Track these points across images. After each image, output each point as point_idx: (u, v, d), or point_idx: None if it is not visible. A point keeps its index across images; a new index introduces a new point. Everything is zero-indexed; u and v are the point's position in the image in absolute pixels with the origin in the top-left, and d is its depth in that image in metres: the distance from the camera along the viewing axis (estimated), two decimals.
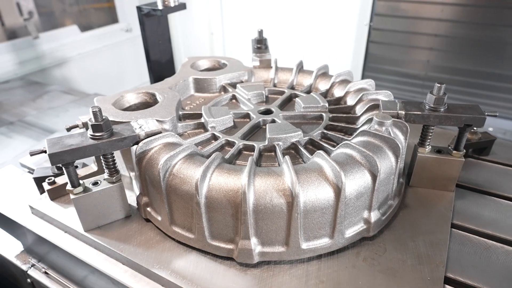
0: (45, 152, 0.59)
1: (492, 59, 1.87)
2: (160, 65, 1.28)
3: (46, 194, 0.76)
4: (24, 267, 0.86)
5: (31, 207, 0.75)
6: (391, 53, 2.11)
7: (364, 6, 2.03)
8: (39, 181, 0.80)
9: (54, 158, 0.58)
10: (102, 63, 2.68)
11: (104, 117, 0.62)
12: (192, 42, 2.69)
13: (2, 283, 0.99)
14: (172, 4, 1.17)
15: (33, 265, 0.86)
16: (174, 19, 2.71)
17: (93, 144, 0.61)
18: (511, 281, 0.61)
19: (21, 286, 0.93)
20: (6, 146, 1.36)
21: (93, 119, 0.61)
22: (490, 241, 0.69)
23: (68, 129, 0.73)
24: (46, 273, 0.83)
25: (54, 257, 0.76)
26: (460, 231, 0.71)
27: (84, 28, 2.58)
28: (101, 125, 0.61)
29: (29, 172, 0.93)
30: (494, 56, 1.86)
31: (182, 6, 1.20)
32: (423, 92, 2.05)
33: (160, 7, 1.16)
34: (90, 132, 0.62)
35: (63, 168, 0.62)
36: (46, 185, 0.76)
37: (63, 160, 0.59)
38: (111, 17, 2.82)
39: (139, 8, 1.16)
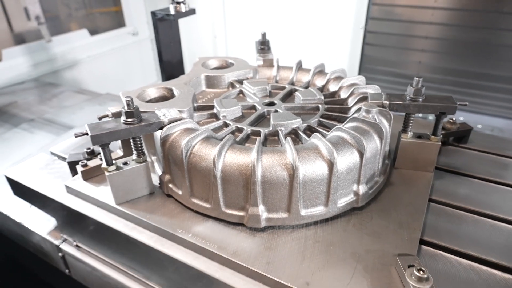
0: (87, 134, 0.71)
1: (479, 59, 1.99)
2: (171, 65, 1.40)
3: (79, 175, 0.88)
4: (56, 242, 0.97)
5: (66, 187, 0.87)
6: (385, 55, 2.23)
7: (359, 10, 2.15)
8: (72, 165, 0.91)
9: (94, 139, 0.70)
10: (110, 65, 2.81)
11: (135, 106, 0.74)
12: (196, 45, 2.82)
13: (33, 259, 1.11)
14: (183, 10, 1.29)
15: (64, 240, 0.97)
16: (179, 23, 2.83)
17: (126, 128, 0.72)
18: (477, 243, 0.72)
19: (51, 261, 1.04)
20: (29, 140, 1.48)
21: (126, 107, 0.73)
22: (463, 212, 0.81)
23: (100, 118, 0.84)
24: (77, 246, 0.94)
25: (86, 231, 0.87)
26: (437, 205, 0.83)
27: (92, 31, 2.70)
28: (132, 112, 0.73)
29: (59, 158, 1.04)
30: (481, 57, 1.98)
31: (192, 12, 1.33)
32: None
33: (172, 12, 1.28)
34: (123, 118, 0.73)
35: (100, 148, 0.74)
36: (79, 168, 0.88)
37: (102, 141, 0.71)
38: (118, 21, 2.95)
39: (153, 13, 1.28)
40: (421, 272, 0.58)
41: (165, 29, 1.32)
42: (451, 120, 1.03)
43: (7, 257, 1.33)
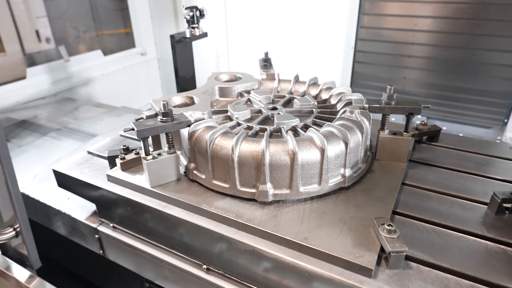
0: (133, 129, 0.91)
1: (457, 75, 2.23)
2: (185, 80, 1.61)
3: (117, 167, 1.07)
4: (94, 225, 1.16)
5: (108, 176, 1.06)
6: (374, 71, 2.47)
7: (349, 32, 2.40)
8: (110, 159, 1.11)
9: (139, 133, 0.90)
10: (120, 82, 3.03)
11: (169, 108, 0.94)
12: (201, 63, 3.05)
13: (69, 242, 1.28)
14: (197, 33, 1.51)
15: (102, 223, 1.16)
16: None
17: (162, 125, 0.93)
18: (439, 214, 0.91)
19: (87, 242, 1.22)
20: (59, 147, 1.67)
21: (162, 109, 0.93)
22: (430, 192, 1.00)
23: (136, 120, 1.04)
24: (114, 227, 1.13)
25: (124, 212, 1.06)
26: (409, 187, 1.03)
27: (104, 52, 2.93)
28: (167, 113, 0.93)
29: (94, 156, 1.23)
30: (459, 73, 2.22)
31: (205, 35, 1.55)
32: None
33: (188, 35, 1.50)
34: (160, 117, 0.94)
35: (142, 141, 0.93)
36: (118, 160, 1.07)
37: (144, 134, 0.91)
38: (128, 43, 3.19)
39: (172, 36, 1.50)
40: (390, 226, 0.77)
41: (181, 49, 1.54)
42: (423, 123, 1.24)
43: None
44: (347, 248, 0.77)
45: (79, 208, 1.22)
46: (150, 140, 1.00)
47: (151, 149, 1.02)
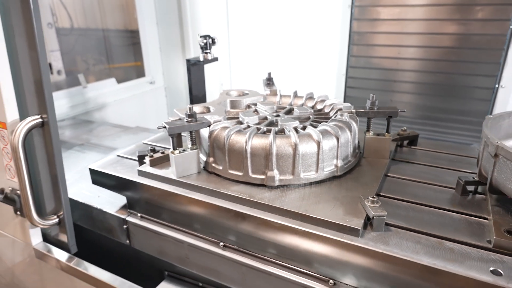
0: (165, 127, 1.12)
1: (440, 97, 2.48)
2: (198, 98, 1.85)
3: (147, 163, 1.27)
4: (123, 216, 1.34)
5: (139, 171, 1.26)
6: (364, 95, 2.72)
7: (341, 61, 2.68)
8: (140, 158, 1.31)
9: (170, 130, 1.11)
10: (131, 107, 3.27)
11: (193, 111, 1.16)
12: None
13: (98, 234, 1.45)
14: (209, 58, 1.76)
15: (130, 214, 1.34)
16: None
17: (188, 124, 1.14)
18: (415, 195, 1.11)
19: (115, 234, 1.39)
20: (84, 158, 1.87)
21: (188, 112, 1.15)
22: (408, 181, 1.21)
23: (158, 128, 1.25)
24: (141, 217, 1.31)
25: (152, 201, 1.25)
26: (390, 178, 1.23)
27: (117, 80, 3.20)
28: (192, 114, 1.15)
29: (123, 158, 1.43)
30: (441, 95, 2.48)
31: (215, 59, 1.80)
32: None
33: (201, 59, 1.75)
34: (186, 118, 1.15)
35: (171, 138, 1.14)
36: (147, 158, 1.27)
37: (174, 131, 1.12)
38: (138, 72, 3.47)
39: (188, 60, 1.75)
40: (373, 198, 0.97)
41: (195, 71, 1.78)
42: (403, 129, 1.47)
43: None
44: (340, 216, 0.96)
45: (108, 204, 1.41)
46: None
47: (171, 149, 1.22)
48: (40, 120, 1.14)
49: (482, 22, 2.19)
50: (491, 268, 0.81)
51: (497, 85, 2.25)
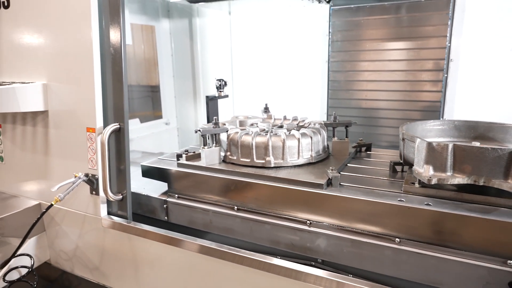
0: (200, 131, 1.73)
1: (396, 111, 3.13)
2: None
3: (183, 158, 1.86)
4: (163, 198, 1.89)
5: (178, 163, 1.84)
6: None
7: (323, 89, 3.35)
8: (178, 156, 1.90)
9: (204, 131, 1.72)
10: (149, 143, 3.89)
11: (217, 121, 1.78)
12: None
13: (142, 213, 1.98)
14: (222, 95, 2.42)
15: (169, 196, 1.89)
16: (201, 105, 4.00)
17: (215, 128, 1.76)
18: (364, 173, 1.70)
19: (157, 213, 1.93)
20: None
21: (213, 122, 1.77)
22: (361, 167, 1.80)
23: (196, 131, 1.86)
24: (178, 197, 1.86)
25: (187, 184, 1.81)
26: (349, 166, 1.82)
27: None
28: (217, 123, 1.77)
29: (165, 159, 2.01)
30: (397, 109, 3.13)
31: (227, 96, 2.46)
32: None
33: (216, 95, 2.41)
34: (212, 126, 1.77)
35: (202, 137, 1.75)
36: (183, 155, 1.86)
37: (206, 133, 1.73)
38: (157, 115, 4.14)
39: (207, 96, 2.40)
40: (332, 168, 1.56)
41: (212, 105, 2.43)
42: (360, 139, 2.08)
43: None
44: (312, 179, 1.55)
45: (152, 192, 1.96)
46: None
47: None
48: (118, 126, 1.74)
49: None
50: (398, 199, 1.39)
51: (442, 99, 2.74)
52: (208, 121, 2.42)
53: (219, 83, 2.38)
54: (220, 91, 2.41)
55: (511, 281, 1.19)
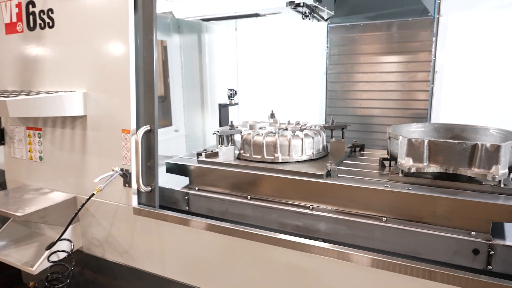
0: (218, 132, 2.04)
1: (388, 118, 3.45)
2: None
3: (203, 156, 2.16)
4: (185, 190, 2.19)
5: (198, 160, 2.15)
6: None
7: (321, 97, 3.67)
8: (198, 154, 2.20)
9: (221, 132, 2.03)
10: (160, 149, 4.18)
11: (233, 124, 2.09)
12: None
13: (166, 204, 2.27)
14: (233, 103, 2.74)
15: (190, 188, 2.19)
16: (208, 113, 4.31)
17: (231, 130, 2.07)
18: (358, 167, 2.01)
19: (178, 204, 2.22)
20: None
21: (230, 124, 2.08)
22: (355, 163, 2.10)
23: (214, 133, 2.17)
24: (198, 189, 2.16)
25: (205, 177, 2.11)
26: (345, 162, 2.13)
27: None
28: (233, 126, 2.08)
29: (186, 157, 2.32)
30: (389, 116, 3.45)
31: (236, 103, 2.78)
32: None
33: (228, 103, 2.73)
34: (228, 128, 2.08)
35: (219, 137, 2.06)
36: (203, 153, 2.17)
37: (223, 134, 2.04)
38: (164, 124, 4.45)
39: (220, 104, 2.72)
40: (331, 162, 1.87)
41: (224, 111, 2.74)
42: (355, 140, 2.40)
43: None
44: (313, 171, 1.85)
45: (174, 186, 2.26)
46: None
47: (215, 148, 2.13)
48: (149, 128, 2.05)
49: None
50: (385, 185, 1.69)
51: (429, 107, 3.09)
52: (220, 125, 2.73)
53: (230, 92, 2.70)
54: (231, 100, 2.72)
55: (475, 249, 1.49)
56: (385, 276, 1.50)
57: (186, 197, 2.18)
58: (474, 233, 1.50)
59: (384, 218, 1.66)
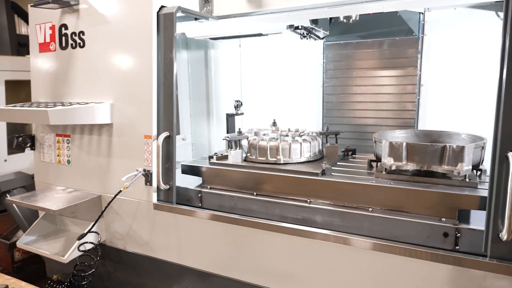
0: (228, 137, 2.35)
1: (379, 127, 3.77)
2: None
3: (214, 158, 2.47)
4: (198, 189, 2.49)
5: (210, 162, 2.46)
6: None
7: (318, 105, 4.00)
8: (209, 157, 2.51)
9: (231, 137, 2.35)
10: None
11: (241, 131, 2.41)
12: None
13: (181, 202, 2.56)
14: (239, 112, 3.06)
15: (202, 187, 2.49)
16: (213, 123, 4.62)
17: (238, 136, 2.38)
18: (349, 167, 2.32)
19: (192, 201, 2.52)
20: None
21: (238, 132, 2.40)
22: (347, 163, 2.41)
23: (223, 139, 2.48)
24: (210, 188, 2.46)
25: (216, 177, 2.41)
26: (338, 163, 2.44)
27: None
28: (241, 132, 2.40)
29: (198, 160, 2.62)
30: (380, 124, 3.77)
31: (242, 113, 3.10)
32: None
33: (234, 112, 3.05)
34: (237, 133, 2.39)
35: (228, 142, 2.37)
36: (214, 156, 2.48)
37: (232, 139, 2.36)
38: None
39: (227, 114, 3.04)
40: (325, 162, 2.18)
41: (231, 120, 3.06)
42: (348, 146, 2.71)
43: None
44: (310, 170, 2.16)
45: (188, 185, 2.56)
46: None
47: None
48: (168, 134, 2.36)
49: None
50: (371, 181, 2.00)
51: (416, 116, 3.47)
52: (227, 133, 3.05)
53: (237, 103, 3.03)
54: (237, 110, 3.04)
55: (445, 232, 1.79)
56: (374, 255, 1.81)
57: (199, 195, 2.48)
58: (444, 219, 1.81)
59: (370, 209, 1.97)
